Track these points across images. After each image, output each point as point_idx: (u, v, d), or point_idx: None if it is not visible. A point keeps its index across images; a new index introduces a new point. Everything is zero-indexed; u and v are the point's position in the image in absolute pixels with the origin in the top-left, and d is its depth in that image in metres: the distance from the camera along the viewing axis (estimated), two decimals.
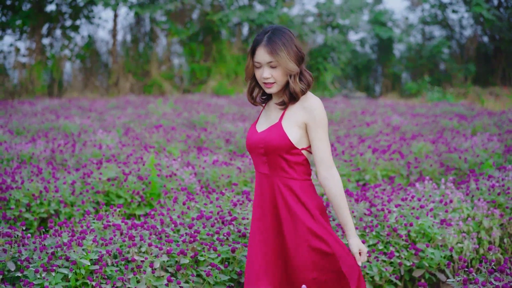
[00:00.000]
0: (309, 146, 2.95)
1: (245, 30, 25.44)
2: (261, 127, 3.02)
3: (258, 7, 24.91)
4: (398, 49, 28.29)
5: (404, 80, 27.45)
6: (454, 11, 26.35)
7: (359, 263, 2.88)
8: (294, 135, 2.88)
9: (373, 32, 26.89)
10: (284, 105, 2.94)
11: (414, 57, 27.23)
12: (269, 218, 2.98)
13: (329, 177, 2.86)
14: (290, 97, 2.92)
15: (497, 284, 3.01)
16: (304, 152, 2.93)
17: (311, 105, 2.89)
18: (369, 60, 28.25)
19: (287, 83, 2.93)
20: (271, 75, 2.89)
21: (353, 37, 38.87)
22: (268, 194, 2.98)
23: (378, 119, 12.39)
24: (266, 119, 3.04)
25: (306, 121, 2.88)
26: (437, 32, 28.04)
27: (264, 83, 2.93)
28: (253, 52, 2.94)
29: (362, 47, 28.90)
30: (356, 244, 2.89)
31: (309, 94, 2.95)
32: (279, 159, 2.90)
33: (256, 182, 3.05)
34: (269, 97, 3.10)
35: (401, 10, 39.27)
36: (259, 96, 3.10)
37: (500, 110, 15.01)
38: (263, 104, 3.13)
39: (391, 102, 19.09)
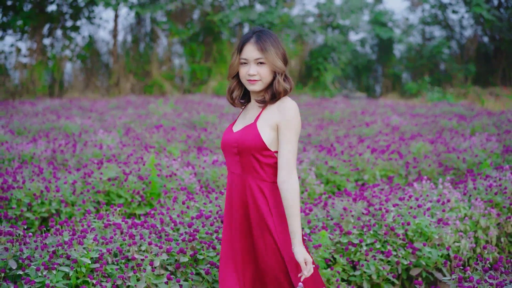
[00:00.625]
0: None
1: (246, 30, 25.49)
2: (237, 127, 3.04)
3: (259, 8, 24.96)
4: (398, 49, 28.32)
5: (404, 80, 27.48)
6: (454, 12, 26.38)
7: (306, 272, 2.80)
8: (268, 136, 2.89)
9: (374, 33, 26.91)
10: (264, 103, 2.95)
11: (414, 58, 27.26)
12: (240, 217, 3.00)
13: (287, 181, 2.83)
14: (271, 96, 2.94)
15: (491, 282, 3.05)
16: (276, 155, 2.93)
17: (285, 107, 2.90)
18: (369, 60, 28.28)
19: (270, 84, 2.96)
20: (257, 72, 2.90)
21: (353, 37, 38.82)
22: (239, 194, 2.99)
23: (377, 119, 12.43)
24: (243, 120, 3.05)
25: (278, 122, 2.89)
26: (437, 32, 28.07)
27: (249, 80, 2.93)
28: (240, 49, 2.95)
29: (363, 47, 28.93)
30: (301, 253, 2.82)
31: (287, 97, 2.96)
32: (251, 159, 2.92)
33: (228, 182, 3.06)
34: (247, 100, 3.12)
35: (401, 10, 39.28)
36: (238, 98, 3.11)
37: (500, 110, 15.05)
38: (242, 107, 3.14)
39: (391, 102, 19.13)
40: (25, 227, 4.96)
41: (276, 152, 2.92)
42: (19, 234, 3.77)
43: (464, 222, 4.87)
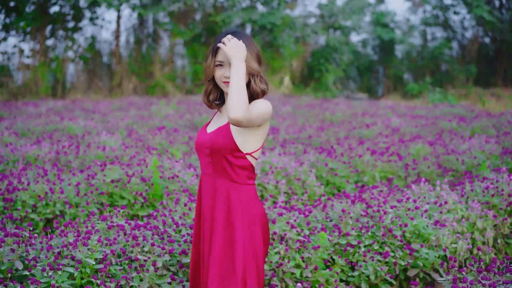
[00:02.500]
0: (255, 151, 2.95)
1: (248, 31, 25.57)
2: (211, 128, 3.05)
3: (261, 8, 25.03)
4: (400, 50, 28.35)
5: (406, 81, 27.53)
6: (455, 13, 26.42)
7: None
8: (240, 137, 2.89)
9: (375, 34, 26.97)
10: None
11: (415, 58, 27.31)
12: (207, 217, 2.98)
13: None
14: (249, 97, 2.93)
15: (484, 282, 3.13)
16: (248, 157, 2.93)
17: (258, 101, 2.90)
18: (371, 61, 28.33)
19: (246, 85, 2.93)
20: None
21: (355, 38, 38.94)
22: (209, 195, 2.98)
23: (378, 121, 12.50)
24: (217, 122, 3.06)
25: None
26: (439, 33, 28.11)
27: (225, 82, 2.94)
28: (215, 52, 2.96)
29: (364, 48, 28.99)
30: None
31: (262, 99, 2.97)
32: (222, 160, 2.92)
33: (200, 183, 3.06)
34: (223, 101, 3.12)
35: (402, 11, 39.31)
36: (214, 101, 3.11)
37: (500, 112, 15.12)
38: (219, 108, 3.12)
39: (392, 104, 19.19)
40: (30, 229, 5.04)
41: (248, 154, 2.93)
42: (25, 235, 3.86)
43: (461, 224, 4.95)
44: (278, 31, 24.02)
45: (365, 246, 4.45)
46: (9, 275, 3.46)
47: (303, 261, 4.13)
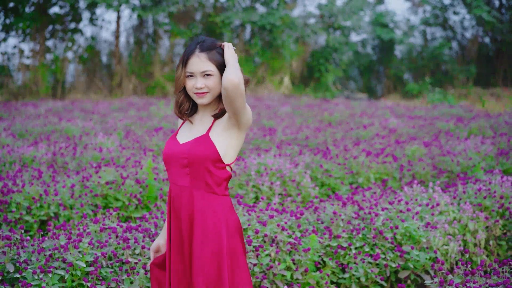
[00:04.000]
0: (232, 163, 2.87)
1: (247, 32, 25.61)
2: (184, 138, 2.91)
3: (261, 9, 25.06)
4: (400, 50, 28.38)
5: (406, 81, 27.55)
6: (455, 13, 26.43)
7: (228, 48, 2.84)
8: (222, 146, 2.81)
9: (375, 34, 27.00)
10: (221, 116, 2.86)
11: (415, 58, 27.33)
12: (185, 231, 2.87)
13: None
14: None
15: (469, 285, 3.16)
16: (228, 168, 2.86)
17: None
18: (371, 61, 28.35)
19: (219, 94, 2.85)
20: (204, 85, 2.82)
21: (354, 38, 38.96)
22: (185, 207, 2.85)
23: (375, 122, 12.51)
24: (190, 131, 2.93)
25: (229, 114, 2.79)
26: (439, 33, 28.13)
27: (196, 93, 2.85)
28: (185, 62, 2.87)
29: (364, 48, 29.01)
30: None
31: None
32: (203, 171, 2.81)
33: (173, 196, 2.91)
34: (193, 111, 3.01)
35: (402, 11, 39.32)
36: (186, 112, 2.99)
37: (499, 112, 15.14)
38: (190, 118, 3.00)
39: (392, 104, 19.21)
40: (24, 231, 5.07)
41: (229, 165, 2.86)
42: (17, 238, 3.88)
43: (453, 226, 4.97)
44: (277, 32, 24.05)
45: (356, 248, 4.47)
46: (0, 277, 3.49)
47: (294, 263, 4.16)
